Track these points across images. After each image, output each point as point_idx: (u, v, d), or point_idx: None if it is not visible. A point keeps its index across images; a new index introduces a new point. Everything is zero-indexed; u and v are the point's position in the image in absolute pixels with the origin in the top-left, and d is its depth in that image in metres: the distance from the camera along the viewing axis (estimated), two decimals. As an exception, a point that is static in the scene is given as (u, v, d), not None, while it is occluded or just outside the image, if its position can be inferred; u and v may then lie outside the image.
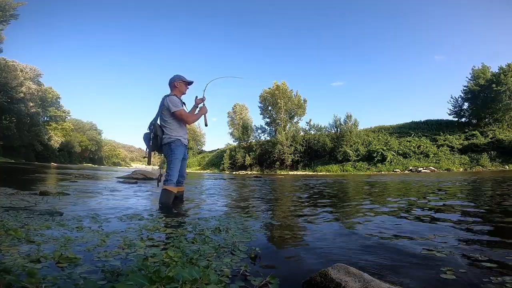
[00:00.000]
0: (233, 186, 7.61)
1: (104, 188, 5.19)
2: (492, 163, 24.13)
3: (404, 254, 1.37)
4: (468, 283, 1.03)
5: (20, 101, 37.38)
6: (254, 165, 38.85)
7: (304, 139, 36.44)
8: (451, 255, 1.32)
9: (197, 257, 1.25)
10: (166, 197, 3.00)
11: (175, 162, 3.04)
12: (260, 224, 2.14)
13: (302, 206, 3.30)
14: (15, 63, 38.14)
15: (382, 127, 37.65)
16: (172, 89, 3.22)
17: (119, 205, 3.04)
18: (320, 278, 0.97)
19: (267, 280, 1.03)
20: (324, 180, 10.77)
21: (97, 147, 74.22)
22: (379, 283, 0.90)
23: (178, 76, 3.22)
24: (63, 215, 2.26)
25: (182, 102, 3.20)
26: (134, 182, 7.24)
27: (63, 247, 1.37)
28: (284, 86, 39.03)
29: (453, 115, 33.47)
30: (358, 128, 34.44)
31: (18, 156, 38.63)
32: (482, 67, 30.35)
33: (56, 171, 13.45)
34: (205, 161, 55.91)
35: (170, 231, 1.78)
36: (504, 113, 28.41)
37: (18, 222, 1.88)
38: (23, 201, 2.89)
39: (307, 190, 5.73)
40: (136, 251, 1.35)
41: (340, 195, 4.96)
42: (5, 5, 30.74)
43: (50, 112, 48.61)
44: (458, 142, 28.37)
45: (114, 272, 1.05)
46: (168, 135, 3.06)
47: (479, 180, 8.02)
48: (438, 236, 1.68)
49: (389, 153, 28.73)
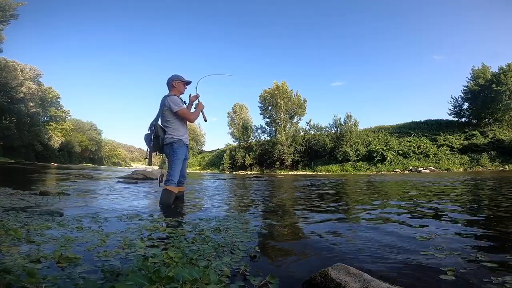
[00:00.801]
0: (233, 186, 7.60)
1: (104, 188, 5.19)
2: (492, 163, 24.12)
3: (404, 255, 1.36)
4: (468, 283, 1.03)
5: (20, 101, 37.38)
6: (254, 165, 38.84)
7: (304, 139, 36.43)
8: (451, 255, 1.32)
9: (197, 257, 1.25)
10: (166, 197, 3.00)
11: (176, 162, 3.05)
12: (260, 224, 2.15)
13: (302, 206, 3.30)
14: (15, 63, 38.13)
15: (382, 127, 37.66)
16: (170, 89, 3.21)
17: (119, 205, 3.04)
18: (320, 278, 0.97)
19: (267, 280, 1.03)
20: (324, 180, 10.77)
21: (97, 147, 74.27)
22: (379, 283, 0.90)
23: (176, 76, 3.21)
24: (63, 215, 2.26)
25: (183, 102, 3.21)
26: (134, 182, 7.25)
27: (63, 247, 1.37)
28: (284, 86, 39.00)
29: (453, 115, 33.50)
30: (358, 128, 34.44)
31: (18, 156, 38.63)
32: (482, 67, 30.36)
33: (56, 171, 13.44)
34: (205, 161, 55.90)
35: (170, 231, 1.78)
36: (504, 113, 28.41)
37: (18, 222, 1.88)
38: (23, 201, 2.89)
39: (307, 190, 5.73)
40: (136, 251, 1.35)
41: (340, 195, 4.96)
42: (5, 5, 30.74)
43: (50, 112, 48.62)
44: (458, 142, 28.37)
45: (114, 272, 1.05)
46: (170, 135, 3.06)
47: (479, 180, 8.02)
48: (438, 236, 1.68)
49: (389, 153, 28.73)
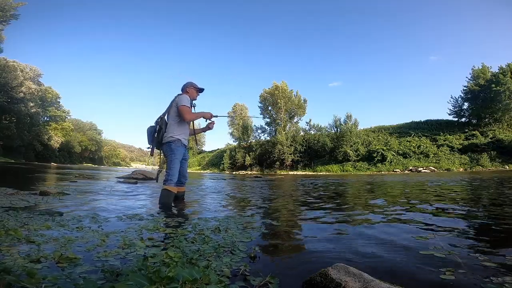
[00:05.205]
0: (233, 186, 7.60)
1: (104, 188, 5.19)
2: (492, 163, 24.09)
3: (404, 255, 1.36)
4: (467, 283, 1.03)
5: (20, 101, 37.37)
6: (254, 165, 38.81)
7: (304, 139, 36.39)
8: (451, 255, 1.32)
9: (197, 257, 1.25)
10: (166, 197, 3.01)
11: (175, 162, 3.07)
12: (259, 224, 2.15)
13: (302, 206, 3.30)
14: (15, 63, 38.10)
15: (382, 127, 37.63)
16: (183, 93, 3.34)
17: (119, 205, 3.05)
18: (320, 278, 0.97)
19: (267, 280, 1.03)
20: (324, 180, 10.77)
21: (97, 147, 74.25)
22: (379, 283, 0.90)
23: (191, 82, 3.40)
24: (63, 215, 2.26)
25: (192, 105, 3.27)
26: (134, 182, 7.25)
27: (63, 247, 1.37)
28: (284, 86, 38.97)
29: (453, 115, 33.45)
30: (358, 128, 34.41)
31: (18, 156, 38.63)
32: (482, 67, 30.35)
33: (56, 171, 13.44)
34: (205, 161, 55.87)
35: (170, 231, 1.78)
36: (504, 113, 28.38)
37: (18, 222, 1.88)
38: (23, 201, 2.89)
39: (307, 190, 5.73)
40: (136, 251, 1.35)
41: (341, 194, 4.95)
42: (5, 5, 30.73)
43: (50, 112, 48.54)
44: (458, 142, 28.33)
45: (114, 272, 1.05)
46: (169, 134, 3.09)
47: (479, 180, 8.02)
48: (437, 236, 1.68)
49: (389, 153, 28.70)
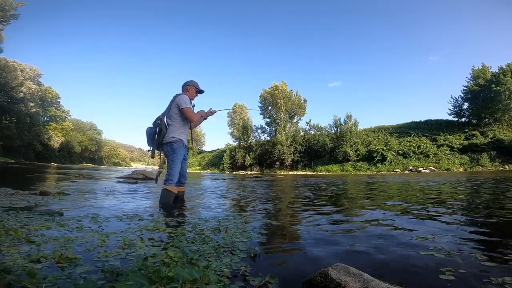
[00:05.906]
0: (233, 186, 7.60)
1: (104, 188, 5.19)
2: (492, 163, 24.08)
3: (403, 255, 1.36)
4: (467, 283, 1.03)
5: (20, 101, 37.37)
6: (254, 165, 38.79)
7: (304, 139, 36.38)
8: (450, 255, 1.32)
9: (197, 257, 1.25)
10: (166, 197, 3.01)
11: (176, 162, 3.07)
12: (259, 224, 2.15)
13: (302, 206, 3.30)
14: (15, 63, 38.11)
15: (382, 127, 37.62)
16: (183, 92, 3.34)
17: (119, 205, 3.05)
18: (320, 278, 0.97)
19: (267, 280, 1.03)
20: (324, 180, 10.77)
21: (97, 147, 74.27)
22: (379, 283, 0.90)
23: (192, 82, 3.37)
24: (63, 215, 2.26)
25: (192, 104, 3.27)
26: (134, 182, 7.25)
27: (63, 247, 1.37)
28: (284, 86, 38.96)
29: (453, 115, 33.44)
30: (358, 128, 34.40)
31: (18, 156, 38.64)
32: (482, 67, 30.34)
33: (56, 171, 13.44)
34: (205, 161, 55.85)
35: (170, 231, 1.78)
36: (504, 113, 28.37)
37: (18, 222, 1.88)
38: (23, 201, 2.89)
39: (307, 191, 5.73)
40: (136, 251, 1.35)
41: (341, 194, 4.95)
42: (5, 5, 30.73)
43: (50, 112, 48.55)
44: (458, 142, 28.33)
45: (114, 272, 1.05)
46: (171, 134, 3.09)
47: (479, 180, 8.02)
48: (437, 236, 1.68)
49: (389, 153, 28.69)
